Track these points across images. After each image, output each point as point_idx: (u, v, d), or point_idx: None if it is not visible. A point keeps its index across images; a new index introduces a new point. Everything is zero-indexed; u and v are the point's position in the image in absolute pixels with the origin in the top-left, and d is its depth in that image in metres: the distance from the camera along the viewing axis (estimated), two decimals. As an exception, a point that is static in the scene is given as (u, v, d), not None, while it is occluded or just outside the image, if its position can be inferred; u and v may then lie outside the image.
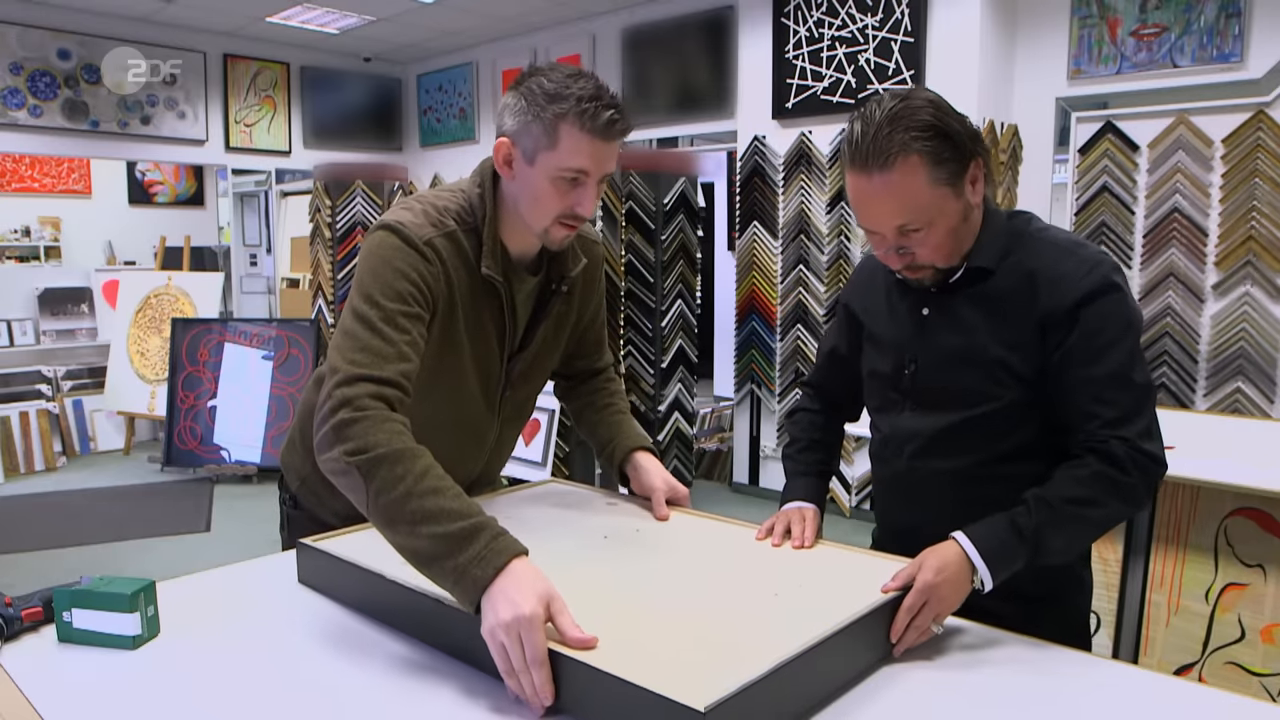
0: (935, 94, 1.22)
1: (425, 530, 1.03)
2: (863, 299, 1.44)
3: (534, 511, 1.55)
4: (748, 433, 5.09)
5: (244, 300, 6.91)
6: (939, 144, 1.16)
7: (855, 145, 1.19)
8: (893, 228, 1.20)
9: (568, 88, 1.22)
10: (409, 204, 1.33)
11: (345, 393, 1.13)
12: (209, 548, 4.22)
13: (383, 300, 1.21)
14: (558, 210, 1.28)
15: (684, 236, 5.02)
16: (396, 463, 1.08)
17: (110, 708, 0.95)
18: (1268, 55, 3.55)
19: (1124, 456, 1.17)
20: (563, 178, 1.25)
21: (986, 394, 1.24)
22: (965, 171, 1.20)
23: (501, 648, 0.94)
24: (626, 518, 1.51)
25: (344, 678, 1.02)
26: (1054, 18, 4.10)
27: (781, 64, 4.72)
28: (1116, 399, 1.18)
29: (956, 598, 1.12)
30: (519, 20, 5.88)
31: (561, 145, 1.23)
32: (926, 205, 1.18)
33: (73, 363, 6.01)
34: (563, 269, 1.44)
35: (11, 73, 5.44)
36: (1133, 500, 1.20)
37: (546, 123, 1.23)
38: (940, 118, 1.17)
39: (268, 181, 6.81)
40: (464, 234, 1.33)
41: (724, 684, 0.84)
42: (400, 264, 1.24)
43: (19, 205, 8.09)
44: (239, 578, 1.33)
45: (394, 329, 1.20)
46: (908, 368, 1.32)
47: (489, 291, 1.36)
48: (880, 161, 1.16)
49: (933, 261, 1.24)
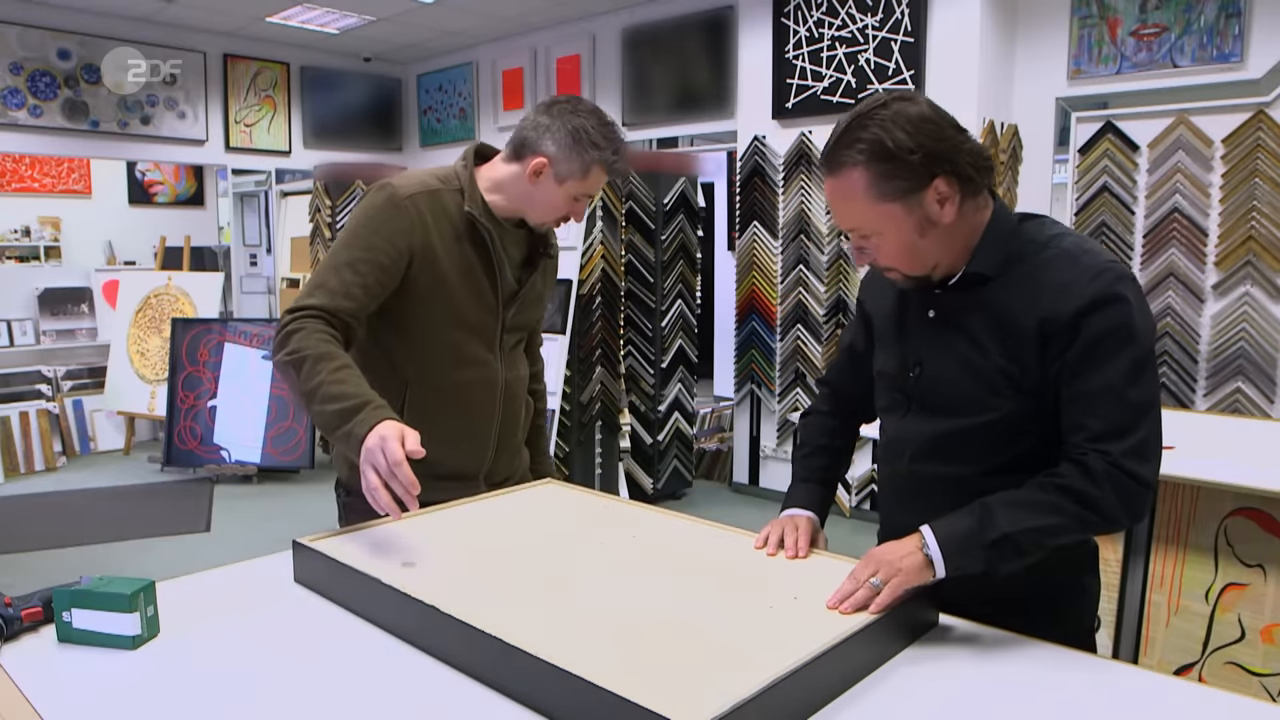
0: (923, 107, 1.18)
1: (330, 408, 1.37)
2: (875, 297, 1.44)
3: (531, 513, 1.55)
4: (748, 433, 5.09)
5: (244, 300, 6.92)
6: (881, 163, 1.15)
7: (825, 148, 1.22)
8: (847, 229, 1.24)
9: (606, 138, 1.57)
10: (410, 171, 1.65)
11: (292, 315, 1.47)
12: (209, 548, 4.22)
13: (355, 244, 1.52)
14: (561, 214, 1.64)
15: (684, 236, 5.03)
16: (318, 361, 1.41)
17: (110, 708, 0.95)
18: (1268, 55, 3.55)
19: (1099, 471, 1.14)
20: (575, 198, 1.61)
21: (986, 403, 1.23)
22: (922, 189, 1.16)
23: (370, 466, 1.26)
24: (623, 522, 1.51)
25: (343, 678, 1.02)
26: (1054, 18, 4.10)
27: (781, 64, 4.72)
28: (1107, 413, 1.15)
29: (900, 560, 1.13)
30: (519, 20, 5.88)
31: (589, 179, 1.60)
32: (870, 216, 1.19)
33: (73, 363, 6.01)
34: (546, 240, 1.74)
35: (11, 73, 5.44)
36: (1101, 515, 1.15)
37: (583, 162, 1.57)
38: (891, 136, 1.14)
39: (268, 181, 6.81)
40: (448, 193, 1.60)
41: (717, 702, 0.84)
42: (378, 217, 1.54)
43: (19, 205, 8.09)
44: (239, 578, 1.33)
45: (352, 272, 1.50)
46: (912, 370, 1.31)
47: (474, 237, 1.60)
48: (830, 168, 1.20)
49: (893, 265, 1.24)
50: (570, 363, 4.41)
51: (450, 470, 1.64)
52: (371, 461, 1.26)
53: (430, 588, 1.10)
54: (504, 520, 1.50)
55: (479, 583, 1.20)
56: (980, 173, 1.20)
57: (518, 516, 1.52)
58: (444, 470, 1.63)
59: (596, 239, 4.46)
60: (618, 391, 4.83)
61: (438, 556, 1.31)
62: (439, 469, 1.61)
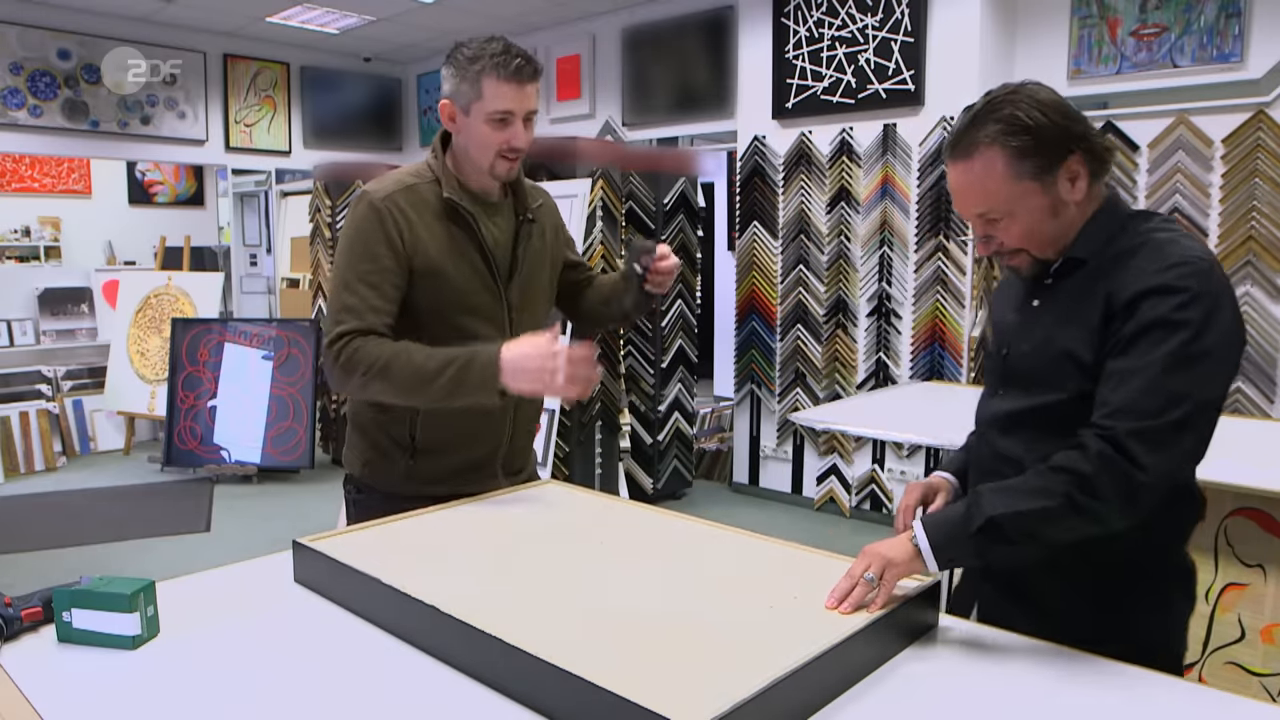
0: (1049, 92, 1.22)
1: (443, 379, 1.42)
2: (1004, 285, 1.46)
3: (532, 513, 1.55)
4: (748, 433, 5.09)
5: (244, 300, 6.92)
6: (1023, 139, 1.17)
7: (951, 134, 1.24)
8: (974, 215, 1.24)
9: (483, 49, 1.54)
10: (384, 174, 1.64)
11: (339, 345, 1.49)
12: (209, 548, 4.22)
13: (356, 262, 1.54)
14: (496, 146, 1.58)
15: (684, 236, 5.02)
16: (397, 355, 1.46)
17: (110, 708, 0.95)
18: (1268, 55, 3.55)
19: (1093, 448, 1.10)
20: (493, 119, 1.56)
21: (1056, 384, 1.22)
22: (1056, 167, 1.19)
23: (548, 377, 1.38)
24: (624, 522, 1.51)
25: (343, 678, 1.02)
26: (1054, 18, 4.10)
27: (781, 64, 4.71)
28: (1131, 391, 1.11)
29: (890, 551, 1.14)
30: (519, 20, 5.88)
31: (486, 94, 1.55)
32: (1005, 196, 1.20)
33: (73, 363, 6.01)
34: (524, 203, 1.71)
35: (11, 73, 5.44)
36: (1092, 495, 1.09)
37: (471, 79, 1.55)
38: (1028, 114, 1.17)
39: (268, 181, 6.81)
40: (425, 185, 1.61)
41: (717, 702, 0.85)
42: (367, 227, 1.55)
43: (19, 205, 8.09)
44: (239, 578, 1.34)
45: (367, 286, 1.52)
46: (1004, 350, 1.33)
47: (457, 220, 1.60)
48: (962, 152, 1.21)
49: (1023, 247, 1.24)
50: (570, 363, 4.40)
51: (468, 461, 1.65)
52: (545, 376, 1.37)
53: (430, 588, 1.10)
54: (504, 520, 1.50)
55: (479, 583, 1.20)
56: (1106, 154, 1.22)
57: (518, 517, 1.52)
58: (461, 462, 1.64)
59: (596, 239, 4.46)
60: (618, 391, 4.83)
61: (438, 557, 1.31)
62: (456, 460, 1.64)
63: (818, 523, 4.63)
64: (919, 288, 4.34)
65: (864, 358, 4.58)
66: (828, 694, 0.98)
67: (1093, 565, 1.21)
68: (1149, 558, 1.22)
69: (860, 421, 2.84)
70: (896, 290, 4.43)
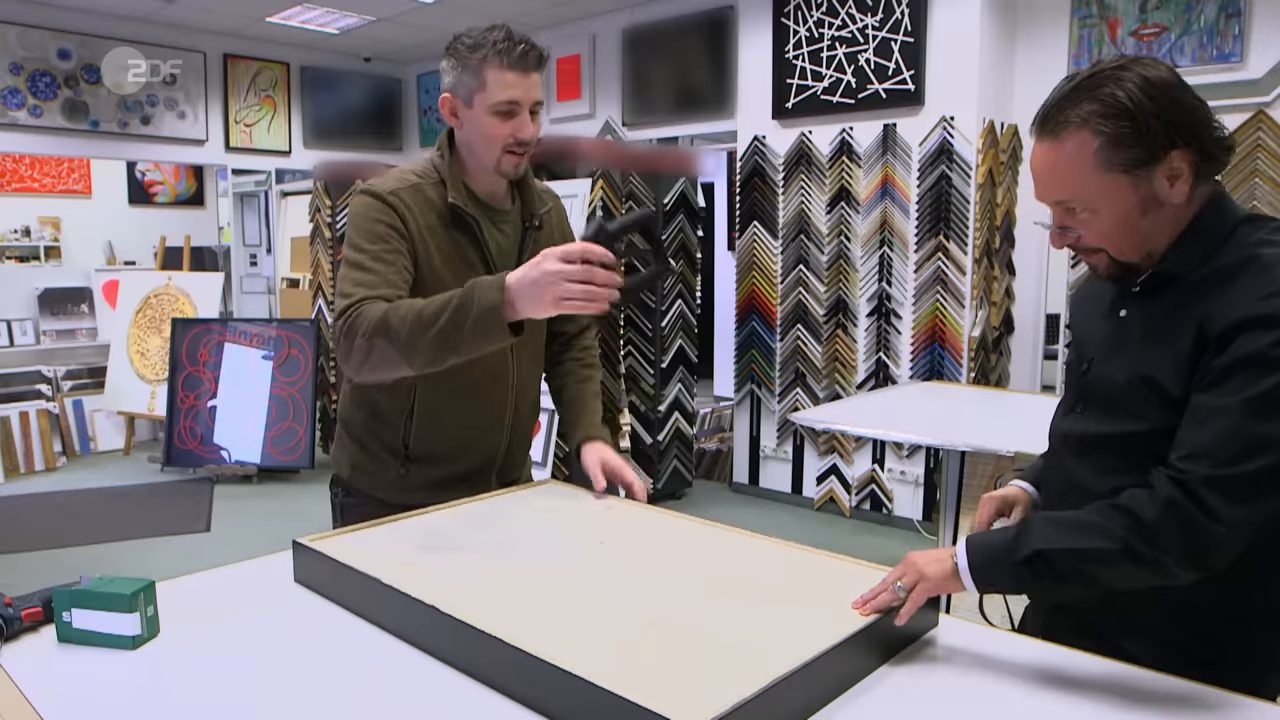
0: (1164, 71, 1.06)
1: (442, 320, 1.29)
2: (1088, 286, 1.32)
3: (531, 513, 1.55)
4: (748, 433, 5.09)
5: (244, 300, 6.91)
6: (1120, 125, 1.03)
7: (1043, 107, 1.11)
8: (1053, 202, 1.12)
9: (485, 38, 1.47)
10: (384, 173, 1.58)
11: (347, 313, 1.39)
12: (209, 548, 4.22)
13: (365, 244, 1.46)
14: (502, 140, 1.50)
15: (684, 236, 5.03)
16: (395, 310, 1.34)
17: (110, 708, 0.95)
18: (1268, 55, 3.55)
19: (1163, 494, 0.99)
20: (498, 111, 1.48)
21: (1137, 412, 1.10)
22: (1156, 162, 1.04)
23: (563, 298, 1.21)
24: (623, 522, 1.51)
25: (343, 678, 1.02)
26: (1054, 18, 4.10)
27: (781, 64, 4.71)
28: (1212, 432, 0.99)
29: (928, 566, 1.08)
30: (519, 20, 5.87)
31: (489, 84, 1.47)
32: (1091, 187, 1.07)
33: (73, 363, 6.01)
34: (532, 208, 1.64)
35: (11, 73, 5.44)
36: (1151, 545, 0.99)
37: (473, 69, 1.47)
38: (1137, 96, 1.03)
39: (268, 181, 6.81)
40: (429, 185, 1.54)
41: (717, 702, 0.84)
42: (374, 214, 1.49)
43: (19, 205, 8.09)
44: (238, 578, 1.33)
45: (379, 263, 1.45)
46: (1085, 364, 1.21)
47: (461, 226, 1.54)
48: (1051, 130, 1.08)
49: (1100, 246, 1.11)
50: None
51: (463, 470, 1.63)
52: (566, 283, 1.21)
53: (430, 588, 1.10)
54: (504, 520, 1.50)
55: (479, 583, 1.20)
56: (1221, 152, 1.08)
57: (518, 516, 1.52)
58: (455, 471, 1.62)
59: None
60: (618, 391, 4.83)
61: (438, 556, 1.31)
62: (451, 469, 1.62)
63: (818, 523, 4.63)
64: (919, 288, 4.34)
65: (864, 358, 4.58)
66: (828, 694, 0.98)
67: (1170, 609, 1.10)
68: (1242, 599, 1.10)
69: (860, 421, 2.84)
70: (896, 290, 4.43)
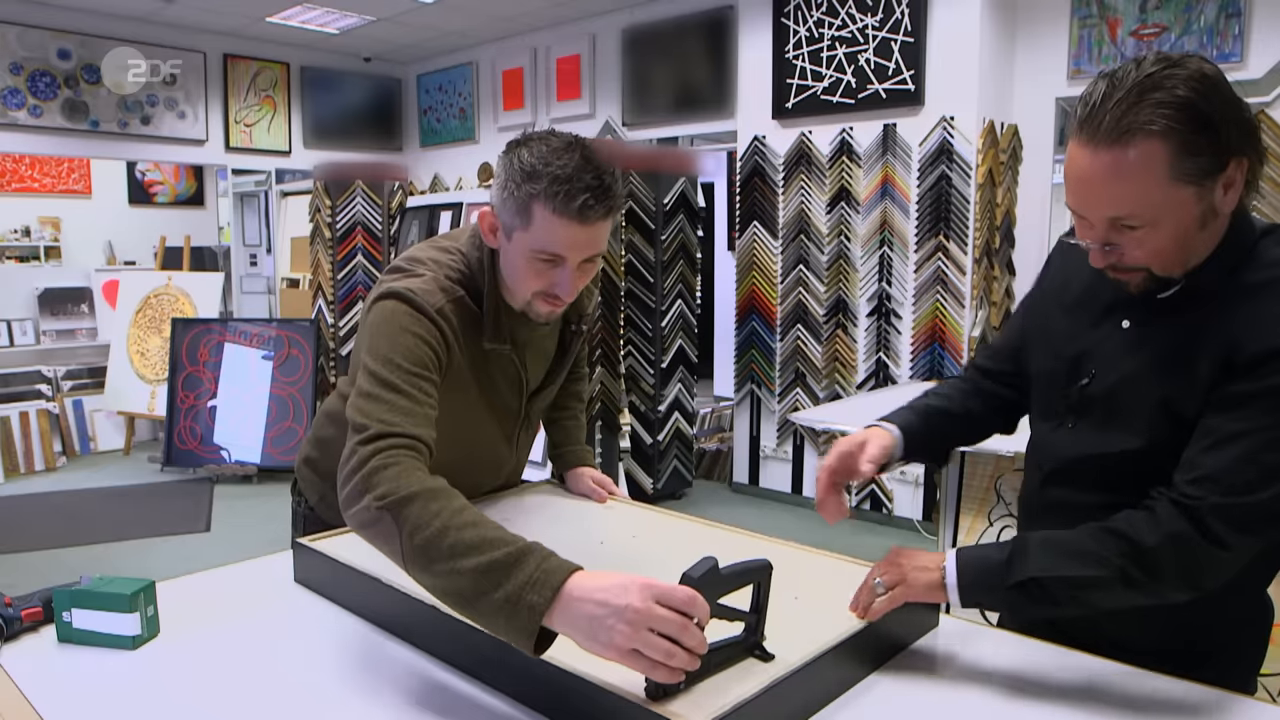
0: (1214, 67, 0.97)
1: (467, 564, 0.91)
2: (1069, 268, 1.19)
3: (531, 513, 1.55)
4: (748, 433, 5.09)
5: (244, 300, 6.92)
6: (1195, 130, 0.93)
7: (1091, 108, 0.97)
8: (1105, 218, 0.99)
9: (547, 164, 1.16)
10: (413, 268, 1.29)
11: (375, 446, 1.06)
12: (209, 548, 4.22)
13: (403, 363, 1.16)
14: (536, 289, 1.25)
15: (684, 236, 5.03)
16: (431, 500, 0.99)
17: (110, 708, 0.95)
18: (1268, 55, 3.55)
19: (1165, 519, 0.96)
20: (538, 259, 1.22)
21: (1135, 428, 1.05)
22: (1221, 170, 0.96)
23: (639, 657, 0.83)
24: (623, 522, 1.51)
25: (342, 678, 1.02)
26: (1054, 18, 4.10)
27: (781, 64, 4.71)
28: (1227, 460, 0.95)
29: (912, 571, 1.04)
30: (519, 20, 5.88)
31: (535, 226, 1.19)
32: (1157, 201, 0.96)
33: (73, 363, 6.01)
34: (580, 309, 1.47)
35: (11, 73, 5.44)
36: (1147, 573, 0.97)
37: (521, 201, 1.19)
38: (1206, 97, 0.93)
39: (268, 181, 6.82)
40: (470, 299, 1.30)
41: (717, 702, 0.84)
42: (416, 329, 1.20)
43: (19, 205, 8.09)
44: (238, 578, 1.33)
45: (418, 390, 1.15)
46: (1085, 377, 1.11)
47: (499, 354, 1.36)
48: (1113, 137, 0.94)
49: (1146, 265, 1.01)
50: (570, 363, 4.41)
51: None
52: (635, 645, 0.83)
53: (430, 588, 1.10)
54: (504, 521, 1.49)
55: (479, 583, 1.20)
56: (1263, 160, 1.01)
57: (518, 517, 1.52)
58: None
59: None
60: (618, 391, 4.83)
61: (438, 556, 1.31)
62: None
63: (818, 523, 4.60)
64: (919, 288, 4.34)
65: (864, 358, 4.58)
66: (828, 694, 0.98)
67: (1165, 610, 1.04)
68: (1236, 603, 1.10)
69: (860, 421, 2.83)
70: (896, 290, 4.43)
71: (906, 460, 1.28)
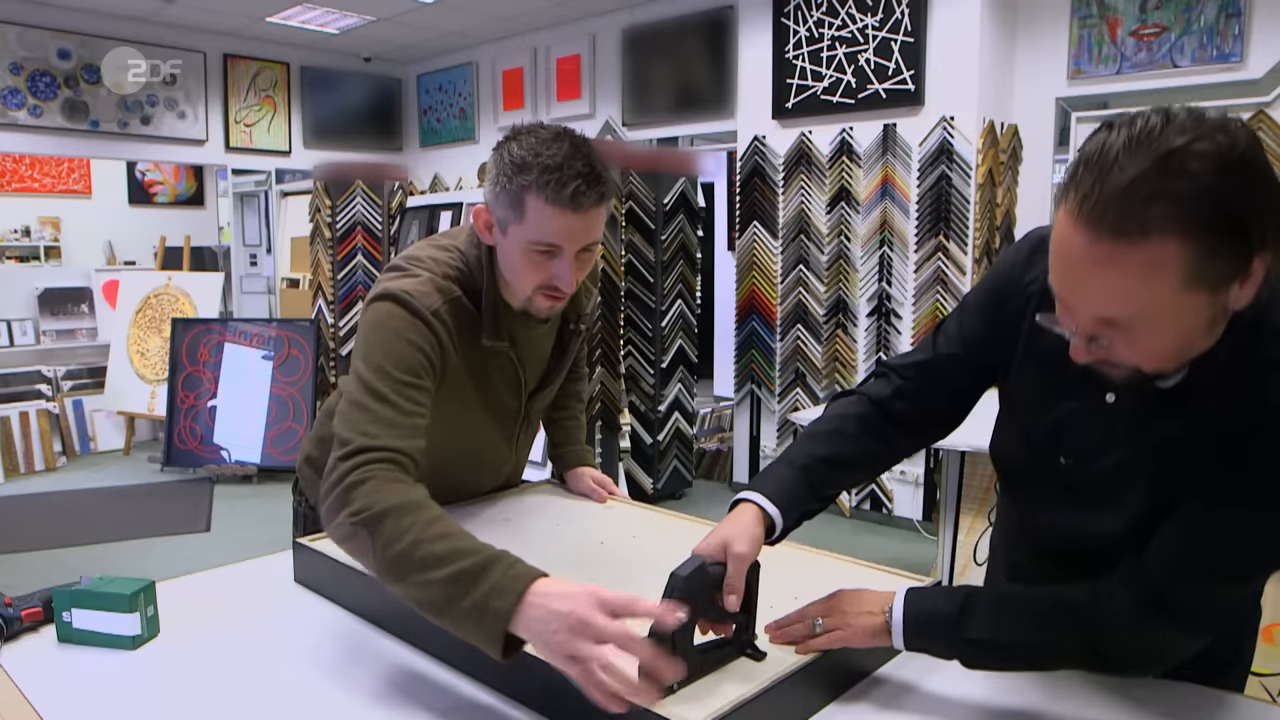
0: (1250, 137, 0.76)
1: (437, 574, 0.94)
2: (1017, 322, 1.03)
3: (531, 513, 1.55)
4: (748, 433, 5.09)
5: (244, 300, 6.92)
6: (1221, 231, 0.75)
7: (1094, 180, 0.77)
8: (1092, 317, 0.82)
9: (537, 155, 1.16)
10: (410, 268, 1.28)
11: (353, 462, 1.07)
12: (209, 548, 4.22)
13: (394, 371, 1.16)
14: (535, 283, 1.25)
15: (684, 236, 5.03)
16: (403, 514, 1.01)
17: (110, 708, 0.95)
18: (1268, 55, 3.55)
19: (1127, 609, 0.88)
20: (534, 250, 1.21)
21: (1117, 509, 0.97)
22: (1246, 271, 0.78)
23: (578, 664, 0.83)
24: (623, 522, 1.51)
25: (342, 678, 1.02)
26: (1054, 18, 4.10)
27: (781, 64, 4.71)
28: (1201, 547, 0.87)
29: (856, 617, 0.98)
30: (519, 20, 5.88)
31: (529, 218, 1.19)
32: (1158, 307, 0.79)
33: (73, 363, 6.01)
34: (578, 308, 1.45)
35: (11, 73, 5.44)
36: (1105, 659, 0.92)
37: (513, 194, 1.19)
38: (1240, 185, 0.74)
39: (268, 181, 6.82)
40: (468, 298, 1.29)
41: (717, 702, 0.84)
42: (410, 335, 1.20)
43: (19, 205, 8.09)
44: (238, 578, 1.34)
45: (406, 400, 1.15)
46: (1065, 458, 1.01)
47: (497, 353, 1.35)
48: (1119, 230, 0.75)
49: (1134, 364, 0.85)
50: (570, 363, 4.41)
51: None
52: (576, 653, 0.84)
53: (430, 588, 1.10)
54: (503, 521, 1.50)
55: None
56: None
57: (517, 517, 1.52)
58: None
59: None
60: (618, 391, 4.83)
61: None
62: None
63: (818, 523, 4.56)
64: (919, 288, 4.34)
65: (864, 358, 4.58)
66: (828, 694, 0.98)
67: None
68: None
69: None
70: (896, 290, 4.43)
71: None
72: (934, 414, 1.17)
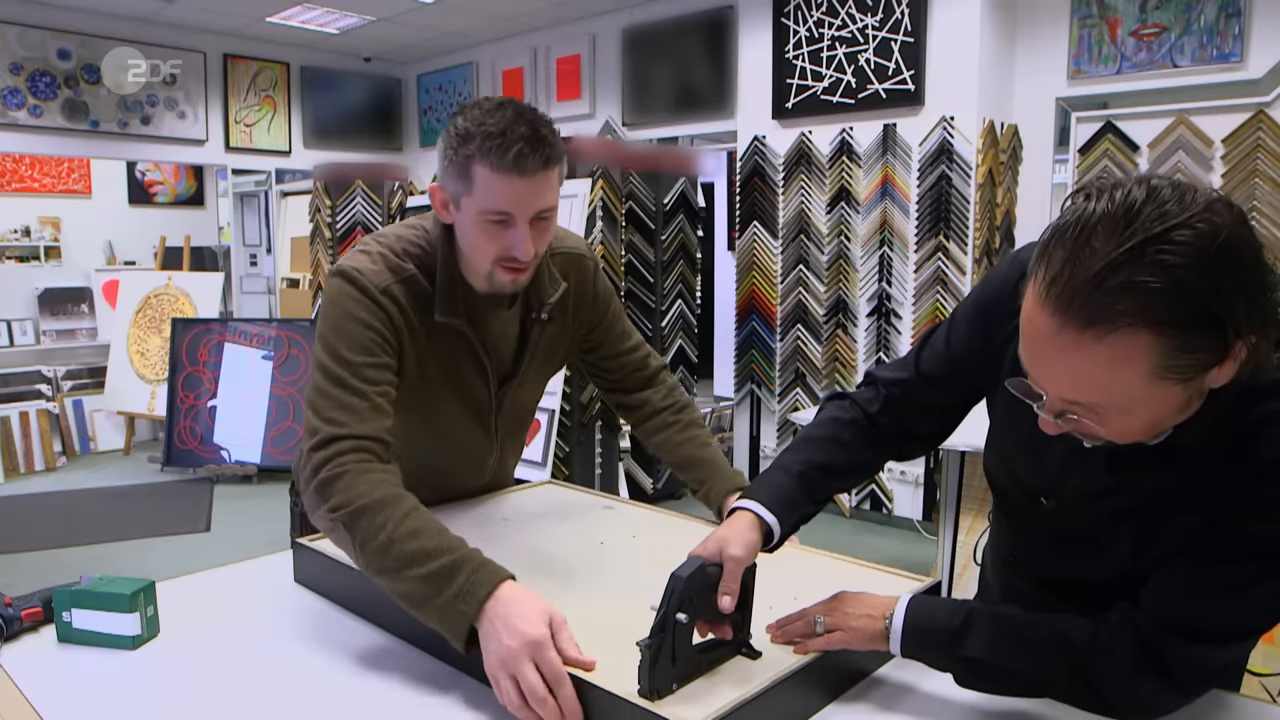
0: (1233, 219, 0.73)
1: (409, 574, 1.01)
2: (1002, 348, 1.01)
3: (531, 514, 1.55)
4: (748, 433, 5.09)
5: (244, 300, 6.92)
6: (1195, 325, 0.72)
7: (1062, 260, 0.74)
8: (1059, 397, 0.82)
9: (480, 124, 1.17)
10: (369, 245, 1.30)
11: (325, 454, 1.12)
12: (209, 548, 4.22)
13: (349, 355, 1.19)
14: (492, 254, 1.23)
15: (684, 236, 5.02)
16: (378, 511, 1.06)
17: (110, 708, 0.95)
18: (1268, 55, 3.54)
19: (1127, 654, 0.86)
20: (487, 221, 1.21)
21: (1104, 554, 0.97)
22: (1222, 360, 0.75)
23: (511, 680, 0.91)
24: (624, 523, 1.51)
25: (342, 678, 1.02)
26: (1054, 18, 4.10)
27: (781, 64, 4.71)
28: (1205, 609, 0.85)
29: (857, 619, 0.98)
30: (519, 20, 5.88)
31: (477, 187, 1.19)
32: (1129, 396, 0.77)
33: (73, 363, 6.01)
34: (541, 296, 1.39)
35: (11, 73, 5.44)
36: (1118, 698, 0.88)
37: (460, 165, 1.19)
38: (1216, 276, 0.71)
39: (268, 181, 6.82)
40: (424, 276, 1.29)
41: (717, 702, 0.85)
42: (359, 313, 1.22)
43: (19, 205, 8.09)
44: (238, 578, 1.34)
45: (365, 383, 1.18)
46: (1045, 498, 1.02)
47: (455, 332, 1.32)
48: (1085, 318, 0.73)
49: (1111, 440, 0.84)
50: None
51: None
52: (513, 673, 0.91)
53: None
54: (504, 520, 1.50)
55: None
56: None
57: (518, 517, 1.52)
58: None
59: (596, 239, 4.46)
60: (618, 391, 4.82)
61: (438, 556, 1.30)
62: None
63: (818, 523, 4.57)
64: (919, 288, 4.34)
65: (864, 358, 4.58)
66: (827, 695, 0.98)
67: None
68: None
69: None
70: (896, 290, 4.43)
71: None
72: (914, 433, 1.18)
